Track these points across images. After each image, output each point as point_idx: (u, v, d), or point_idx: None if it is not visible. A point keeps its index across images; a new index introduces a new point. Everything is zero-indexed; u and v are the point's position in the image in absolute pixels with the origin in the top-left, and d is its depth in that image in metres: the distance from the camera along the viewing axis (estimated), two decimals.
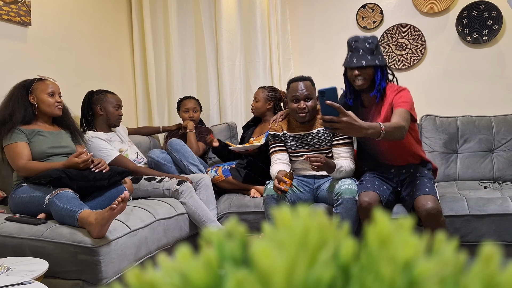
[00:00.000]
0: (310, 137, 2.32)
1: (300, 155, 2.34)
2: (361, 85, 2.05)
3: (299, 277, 0.26)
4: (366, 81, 2.04)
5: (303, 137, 2.33)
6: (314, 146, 2.31)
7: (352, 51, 2.05)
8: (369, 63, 2.00)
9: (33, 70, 2.45)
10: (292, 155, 2.37)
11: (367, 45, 2.01)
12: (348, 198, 2.05)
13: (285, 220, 0.28)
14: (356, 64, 2.01)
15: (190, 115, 3.05)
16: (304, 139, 2.33)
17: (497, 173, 2.67)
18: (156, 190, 2.42)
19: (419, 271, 0.26)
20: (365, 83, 2.04)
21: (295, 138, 2.35)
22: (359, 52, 2.01)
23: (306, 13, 3.35)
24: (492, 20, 2.89)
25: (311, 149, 2.31)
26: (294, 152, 2.35)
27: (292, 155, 2.37)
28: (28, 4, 2.55)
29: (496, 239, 2.08)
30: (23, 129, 2.11)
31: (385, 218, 0.28)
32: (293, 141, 2.35)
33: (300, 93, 2.25)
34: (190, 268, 0.28)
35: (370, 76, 2.04)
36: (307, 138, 2.32)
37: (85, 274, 1.74)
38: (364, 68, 2.02)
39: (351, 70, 2.06)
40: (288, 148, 2.37)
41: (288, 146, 2.37)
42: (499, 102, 2.92)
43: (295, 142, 2.34)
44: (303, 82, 2.29)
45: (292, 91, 2.28)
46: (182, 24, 3.43)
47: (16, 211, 2.04)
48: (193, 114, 3.05)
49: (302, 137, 2.33)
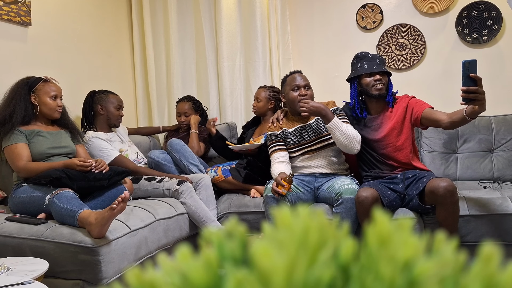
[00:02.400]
0: (310, 127, 2.35)
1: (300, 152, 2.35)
2: (380, 89, 2.19)
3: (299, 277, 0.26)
4: (384, 86, 2.20)
5: (303, 129, 2.36)
6: (315, 134, 2.33)
7: (367, 60, 2.22)
8: (386, 69, 2.22)
9: (33, 70, 2.45)
10: (292, 153, 2.38)
11: (380, 57, 2.25)
12: (348, 198, 2.06)
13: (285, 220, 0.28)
14: (377, 69, 2.19)
15: (181, 120, 3.05)
16: (304, 130, 2.35)
17: (497, 173, 2.67)
18: (156, 190, 2.42)
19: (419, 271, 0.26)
20: (384, 87, 2.20)
21: (295, 131, 2.37)
22: (376, 61, 2.20)
23: (306, 13, 3.35)
24: (492, 20, 2.89)
25: (313, 138, 2.33)
26: (296, 146, 2.36)
27: (292, 153, 2.37)
28: (28, 4, 2.55)
29: (496, 239, 2.08)
30: (22, 130, 2.11)
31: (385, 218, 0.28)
32: (294, 135, 2.36)
33: (300, 82, 2.33)
34: (190, 268, 0.28)
35: (386, 82, 2.23)
36: (306, 128, 2.35)
37: (85, 274, 1.74)
38: (383, 74, 2.21)
39: (370, 76, 2.21)
40: (290, 144, 2.37)
41: (289, 142, 2.37)
42: (499, 102, 2.91)
43: (296, 135, 2.36)
44: (299, 73, 2.38)
45: (291, 81, 2.34)
46: (182, 24, 3.43)
47: (16, 211, 2.04)
48: (184, 118, 3.04)
49: (302, 128, 2.36)
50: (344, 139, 2.15)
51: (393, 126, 2.19)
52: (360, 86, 2.25)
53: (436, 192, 1.92)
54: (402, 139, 2.19)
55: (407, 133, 2.20)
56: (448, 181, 1.93)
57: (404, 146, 2.19)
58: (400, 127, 2.19)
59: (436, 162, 2.76)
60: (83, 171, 2.03)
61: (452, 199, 1.91)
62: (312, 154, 2.34)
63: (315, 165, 2.33)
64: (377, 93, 2.20)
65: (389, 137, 2.20)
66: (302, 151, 2.35)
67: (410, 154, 2.20)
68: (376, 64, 2.20)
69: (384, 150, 2.22)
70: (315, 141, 2.33)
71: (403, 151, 2.19)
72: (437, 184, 1.92)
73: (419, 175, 2.13)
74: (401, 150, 2.19)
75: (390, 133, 2.20)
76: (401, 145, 2.20)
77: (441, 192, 1.90)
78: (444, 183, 1.91)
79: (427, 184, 1.98)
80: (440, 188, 1.91)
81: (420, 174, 2.13)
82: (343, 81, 2.42)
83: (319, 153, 2.33)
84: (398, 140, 2.19)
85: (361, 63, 2.24)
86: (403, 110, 2.18)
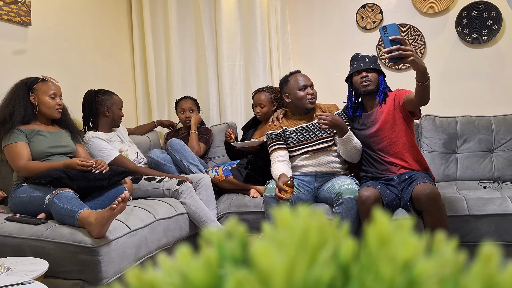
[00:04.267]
0: (311, 128, 2.37)
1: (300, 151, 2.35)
2: (367, 85, 2.23)
3: (299, 277, 0.26)
4: (372, 83, 2.24)
5: (304, 129, 2.37)
6: (316, 135, 2.35)
7: (357, 60, 2.29)
8: (375, 67, 2.26)
9: (33, 70, 2.44)
10: (292, 152, 2.38)
11: (371, 56, 2.30)
12: (349, 198, 2.06)
13: (285, 220, 0.28)
14: (364, 67, 2.25)
15: (186, 116, 3.04)
16: (306, 130, 2.37)
17: (497, 173, 2.67)
18: (156, 190, 2.42)
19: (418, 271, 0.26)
20: (371, 84, 2.23)
21: (296, 131, 2.38)
22: (365, 59, 2.26)
23: (306, 13, 3.35)
24: (491, 20, 2.89)
25: (314, 139, 2.35)
26: (297, 145, 2.36)
27: (292, 152, 2.38)
28: (28, 4, 2.55)
29: (495, 239, 2.08)
30: (22, 129, 2.10)
31: (385, 218, 0.28)
32: (295, 135, 2.38)
33: (307, 81, 2.38)
34: (190, 268, 0.28)
35: (375, 80, 2.26)
36: (308, 129, 2.37)
37: (85, 274, 1.74)
38: (371, 71, 2.25)
39: (358, 75, 2.26)
40: (290, 143, 2.38)
41: (290, 141, 2.38)
42: (499, 102, 2.92)
43: (297, 135, 2.37)
44: (301, 73, 2.45)
45: (297, 82, 2.38)
46: (182, 24, 3.43)
47: (16, 211, 2.04)
48: (189, 114, 3.04)
49: (304, 128, 2.37)
50: (353, 151, 2.24)
51: (385, 119, 2.22)
52: (352, 86, 2.33)
53: (419, 200, 1.95)
54: (397, 131, 2.20)
55: (401, 125, 2.20)
56: (431, 187, 1.94)
57: (399, 138, 2.20)
58: (392, 119, 2.21)
59: (436, 162, 2.76)
60: (84, 171, 2.03)
61: (435, 206, 1.93)
62: (313, 154, 2.34)
63: (315, 164, 2.33)
64: (363, 90, 2.25)
65: (383, 130, 2.22)
66: (302, 151, 2.35)
67: (406, 148, 2.20)
68: (364, 62, 2.26)
69: (380, 144, 2.23)
70: (316, 142, 2.34)
71: (399, 143, 2.20)
72: (419, 192, 1.95)
73: (413, 177, 2.12)
74: (397, 143, 2.20)
75: (384, 126, 2.22)
76: (396, 136, 2.20)
77: (423, 200, 1.93)
78: (427, 190, 1.93)
79: (413, 191, 2.00)
80: (422, 196, 1.93)
81: (414, 176, 2.13)
82: (343, 81, 2.42)
83: (319, 153, 2.33)
84: (393, 132, 2.21)
85: (353, 64, 2.32)
86: (392, 102, 2.23)
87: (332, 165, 2.34)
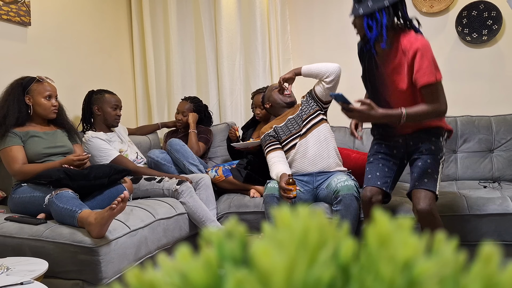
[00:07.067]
0: (297, 116, 2.43)
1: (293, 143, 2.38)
2: (357, 34, 1.96)
3: (299, 277, 0.26)
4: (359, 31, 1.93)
5: (292, 120, 2.43)
6: (302, 118, 2.41)
7: None
8: (354, 13, 1.87)
9: (33, 70, 2.44)
10: (286, 145, 2.40)
11: None
12: (346, 195, 2.07)
13: (285, 220, 0.28)
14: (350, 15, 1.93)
15: (178, 118, 3.05)
16: (293, 120, 2.43)
17: (497, 173, 2.67)
18: (156, 190, 2.42)
19: (419, 271, 0.26)
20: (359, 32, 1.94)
21: (286, 124, 2.43)
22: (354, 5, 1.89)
23: (306, 13, 3.35)
24: (491, 20, 2.89)
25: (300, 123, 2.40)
26: (289, 137, 2.40)
27: (286, 145, 2.40)
28: (28, 4, 2.55)
29: (495, 239, 2.08)
30: (17, 131, 2.08)
31: (385, 218, 0.28)
32: (285, 128, 2.43)
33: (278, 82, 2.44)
34: (190, 268, 0.28)
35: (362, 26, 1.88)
36: (295, 119, 2.43)
37: (85, 274, 1.74)
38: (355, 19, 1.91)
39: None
40: (283, 136, 2.41)
41: (282, 135, 2.41)
42: (499, 102, 2.92)
43: (287, 127, 2.43)
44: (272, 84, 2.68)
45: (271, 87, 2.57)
46: (182, 24, 3.43)
47: (16, 211, 2.04)
48: (182, 117, 3.03)
49: (291, 119, 2.43)
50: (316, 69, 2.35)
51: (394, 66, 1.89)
52: None
53: (414, 213, 1.87)
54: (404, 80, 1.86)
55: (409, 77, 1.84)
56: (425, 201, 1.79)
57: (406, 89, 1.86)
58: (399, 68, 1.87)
59: None
60: (82, 165, 2.03)
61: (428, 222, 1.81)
62: (303, 139, 2.35)
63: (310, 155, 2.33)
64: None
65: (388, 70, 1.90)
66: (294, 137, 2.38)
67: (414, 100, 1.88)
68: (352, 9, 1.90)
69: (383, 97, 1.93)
70: (303, 124, 2.38)
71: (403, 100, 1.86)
72: (414, 204, 1.83)
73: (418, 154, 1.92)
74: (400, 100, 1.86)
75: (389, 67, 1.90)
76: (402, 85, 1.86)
77: (415, 214, 1.85)
78: (419, 206, 1.79)
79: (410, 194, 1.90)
80: (414, 211, 1.85)
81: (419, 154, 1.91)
82: (343, 81, 2.42)
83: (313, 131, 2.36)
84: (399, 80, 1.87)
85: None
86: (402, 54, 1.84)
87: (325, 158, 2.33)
